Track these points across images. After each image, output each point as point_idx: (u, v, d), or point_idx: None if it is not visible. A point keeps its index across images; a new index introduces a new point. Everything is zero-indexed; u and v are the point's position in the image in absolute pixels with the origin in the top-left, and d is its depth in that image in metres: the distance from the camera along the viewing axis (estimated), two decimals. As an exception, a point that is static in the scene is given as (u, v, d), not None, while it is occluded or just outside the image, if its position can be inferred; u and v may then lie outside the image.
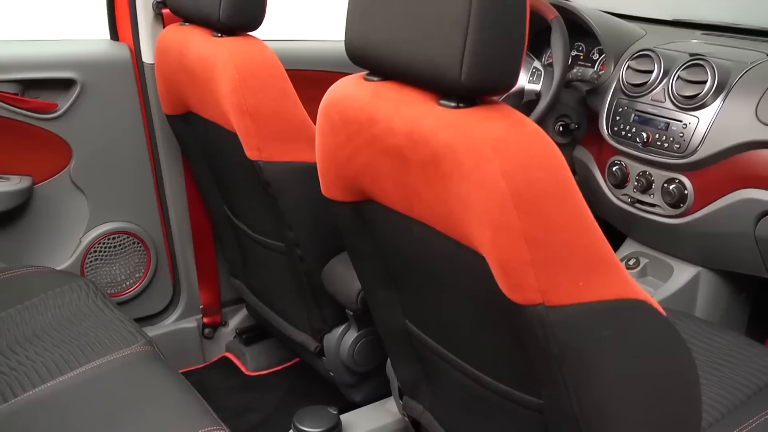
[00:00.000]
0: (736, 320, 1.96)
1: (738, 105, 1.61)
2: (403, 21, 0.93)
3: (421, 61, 0.91)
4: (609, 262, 0.90)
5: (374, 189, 1.09)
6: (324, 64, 2.02)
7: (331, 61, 2.03)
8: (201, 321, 2.06)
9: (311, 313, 1.60)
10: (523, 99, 1.85)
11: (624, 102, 1.82)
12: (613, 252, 0.91)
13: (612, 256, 0.90)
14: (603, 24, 1.93)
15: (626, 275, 0.92)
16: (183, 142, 1.79)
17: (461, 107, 0.90)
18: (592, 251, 0.88)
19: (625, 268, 1.92)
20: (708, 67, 1.66)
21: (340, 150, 1.09)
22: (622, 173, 1.83)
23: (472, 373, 1.16)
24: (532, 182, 0.84)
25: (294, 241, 1.49)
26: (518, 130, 0.87)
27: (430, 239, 1.04)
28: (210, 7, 1.41)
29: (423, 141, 0.91)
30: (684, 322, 1.53)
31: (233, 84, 1.37)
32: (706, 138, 1.64)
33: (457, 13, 0.85)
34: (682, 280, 1.85)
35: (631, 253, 1.96)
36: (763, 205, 1.57)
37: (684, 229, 1.75)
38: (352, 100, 1.04)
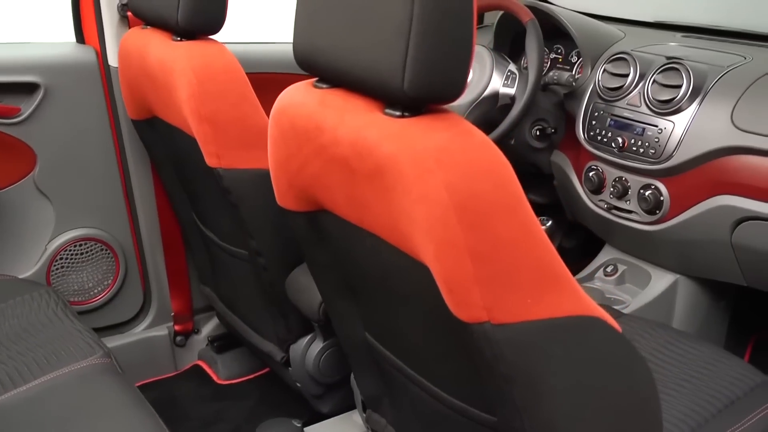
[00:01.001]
0: (716, 328, 1.92)
1: (714, 110, 1.57)
2: (347, 27, 0.90)
3: (365, 68, 0.88)
4: (560, 278, 0.86)
5: (326, 199, 1.05)
6: (289, 66, 1.97)
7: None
8: (172, 329, 2.02)
9: (276, 323, 1.57)
10: (498, 103, 1.81)
11: (600, 106, 1.78)
12: (565, 267, 0.87)
13: (564, 271, 0.87)
14: (580, 26, 1.90)
15: (579, 291, 0.88)
16: (149, 147, 1.76)
17: (406, 116, 0.86)
18: (541, 267, 0.84)
19: (604, 275, 1.90)
20: (683, 71, 1.62)
21: (291, 159, 1.05)
22: (599, 179, 1.79)
23: (429, 388, 1.12)
24: (477, 195, 0.81)
25: (256, 249, 1.45)
26: (464, 140, 0.83)
27: (381, 251, 1.00)
28: (168, 10, 1.38)
29: (367, 152, 0.88)
30: (657, 332, 1.49)
31: (191, 89, 1.34)
32: (682, 143, 1.60)
33: (398, 19, 0.81)
34: (660, 288, 1.81)
35: (610, 259, 1.93)
36: (739, 212, 1.54)
37: (660, 236, 1.72)
38: (300, 109, 1.00)
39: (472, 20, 0.83)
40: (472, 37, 0.84)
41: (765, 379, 1.35)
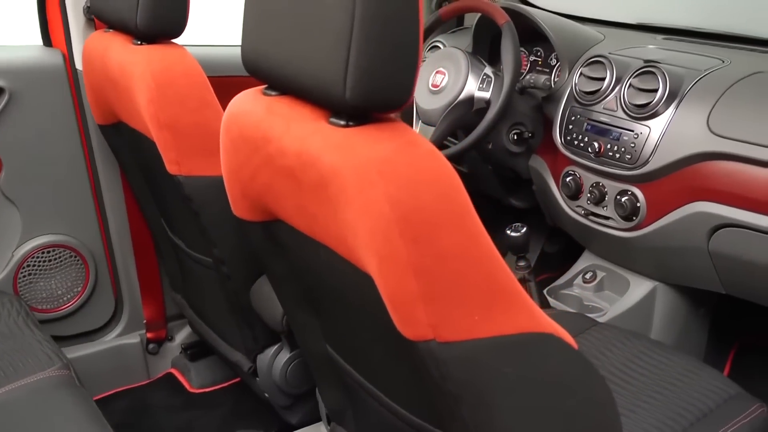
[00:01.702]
0: (696, 335, 1.89)
1: (690, 114, 1.54)
2: (291, 32, 0.86)
3: (309, 76, 0.84)
4: (510, 293, 0.83)
5: (279, 209, 1.02)
6: None
7: None
8: (144, 336, 1.98)
9: (243, 332, 1.53)
10: (473, 107, 1.77)
11: (577, 110, 1.75)
12: (517, 282, 0.84)
13: (514, 286, 0.83)
14: (558, 28, 1.86)
15: (532, 307, 0.85)
16: (116, 152, 1.72)
17: (351, 126, 0.83)
18: (490, 282, 0.81)
19: (582, 281, 1.87)
20: (659, 75, 1.59)
21: (243, 168, 1.02)
22: (576, 184, 1.76)
23: (387, 403, 1.09)
24: (420, 208, 0.77)
25: (219, 258, 1.42)
26: (408, 151, 0.80)
27: (333, 263, 0.97)
28: (128, 14, 1.34)
29: (311, 163, 0.85)
30: (631, 341, 1.46)
31: (150, 95, 1.30)
32: (658, 149, 1.57)
33: (339, 25, 0.78)
34: (639, 295, 1.78)
35: (589, 266, 1.90)
36: (715, 219, 1.50)
37: (637, 243, 1.69)
38: (249, 117, 0.97)
39: (417, 25, 0.80)
40: (419, 42, 0.81)
41: (739, 391, 1.32)
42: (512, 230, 1.68)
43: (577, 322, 1.54)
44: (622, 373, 1.38)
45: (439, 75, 1.81)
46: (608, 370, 1.39)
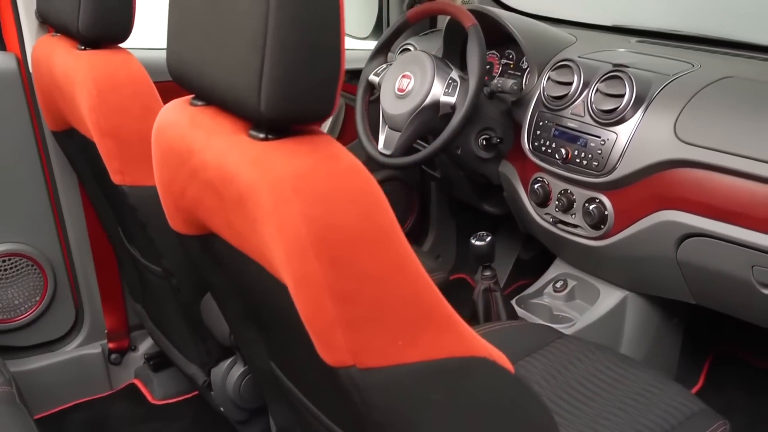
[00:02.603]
0: (669, 346, 1.85)
1: (657, 120, 1.50)
2: (208, 39, 0.82)
3: (226, 87, 0.80)
4: (438, 316, 0.78)
5: (210, 223, 0.97)
6: None
7: None
8: (106, 346, 1.94)
9: (197, 345, 1.49)
10: (439, 112, 1.73)
11: (545, 115, 1.70)
12: (447, 304, 0.79)
13: (444, 308, 0.79)
14: (528, 31, 1.82)
15: (463, 330, 0.80)
16: (71, 159, 1.67)
17: (270, 139, 0.78)
18: (415, 305, 0.77)
19: (553, 290, 1.82)
20: (626, 80, 1.54)
21: (173, 181, 0.97)
22: (544, 191, 1.72)
23: (329, 425, 1.05)
24: (338, 227, 0.73)
25: (168, 270, 1.37)
26: (327, 166, 0.75)
27: (264, 279, 0.92)
28: (70, 18, 1.30)
29: (229, 178, 0.80)
30: (596, 354, 1.41)
31: (91, 102, 1.26)
32: (625, 156, 1.53)
33: (253, 31, 0.74)
34: (609, 305, 1.74)
35: (560, 274, 1.85)
36: (683, 228, 1.46)
37: (606, 252, 1.64)
38: (175, 128, 0.92)
39: (338, 31, 0.75)
40: (340, 49, 0.76)
41: (703, 408, 1.28)
42: (477, 239, 1.64)
43: (541, 334, 1.49)
44: (584, 388, 1.34)
45: (405, 79, 1.77)
46: (570, 385, 1.34)
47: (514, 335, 1.50)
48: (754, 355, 1.94)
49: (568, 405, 1.30)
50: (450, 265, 2.51)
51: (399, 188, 2.37)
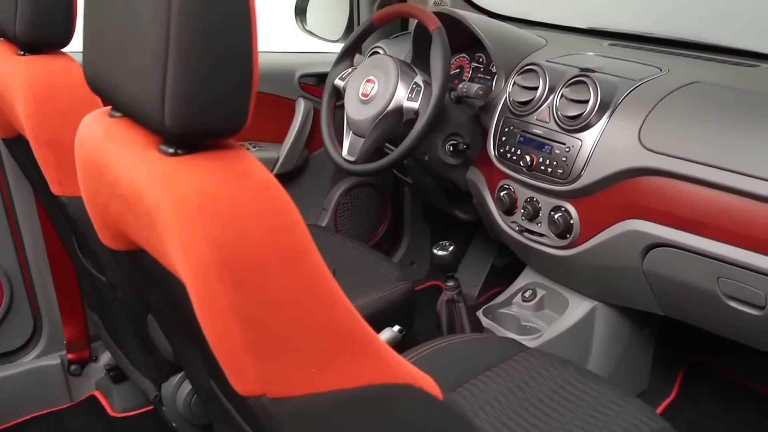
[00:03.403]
0: (640, 357, 1.81)
1: (622, 127, 1.45)
2: (115, 49, 0.77)
3: (132, 99, 0.75)
4: (356, 341, 0.73)
5: (135, 238, 0.93)
6: None
7: None
8: (66, 357, 1.89)
9: (147, 360, 1.44)
10: (403, 118, 1.68)
11: (511, 121, 1.66)
12: (367, 328, 0.75)
13: (362, 333, 0.74)
14: (495, 34, 1.77)
15: (384, 355, 0.76)
16: (22, 166, 1.63)
17: (179, 154, 0.74)
18: (330, 330, 0.72)
19: (522, 300, 1.78)
20: (591, 85, 1.50)
21: (97, 196, 0.93)
22: (510, 199, 1.67)
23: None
24: (245, 249, 0.68)
25: (113, 282, 1.33)
26: (236, 183, 0.71)
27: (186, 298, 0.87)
28: (7, 22, 1.25)
29: (138, 195, 0.75)
30: (558, 369, 1.37)
31: (28, 110, 1.21)
32: (589, 163, 1.48)
33: (155, 41, 0.69)
34: (578, 315, 1.69)
35: (529, 283, 1.81)
36: (648, 237, 1.42)
37: (573, 262, 1.60)
38: (92, 141, 0.88)
39: (249, 38, 0.70)
40: (251, 59, 0.71)
41: (663, 425, 1.23)
42: (439, 248, 1.59)
43: (504, 347, 1.45)
44: (544, 405, 1.29)
45: (369, 84, 1.72)
46: (530, 401, 1.30)
47: (476, 348, 1.45)
48: (728, 366, 1.90)
49: (526, 423, 1.25)
50: (425, 271, 2.47)
51: (372, 194, 2.33)
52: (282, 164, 2.09)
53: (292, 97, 2.11)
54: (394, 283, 1.68)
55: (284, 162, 2.09)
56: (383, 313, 1.62)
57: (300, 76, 2.10)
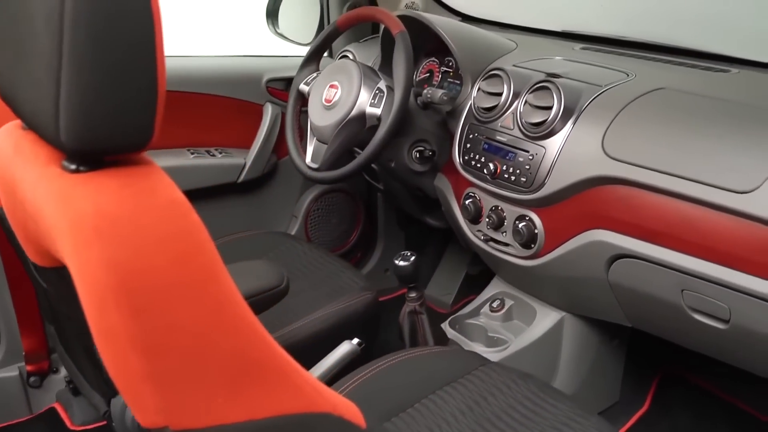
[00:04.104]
0: (611, 367, 1.77)
1: (585, 134, 1.41)
2: (16, 58, 0.73)
3: (31, 112, 0.71)
4: (269, 368, 0.69)
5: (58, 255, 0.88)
6: None
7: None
8: (24, 369, 1.84)
9: (96, 374, 1.39)
10: (366, 124, 1.64)
11: (476, 128, 1.62)
12: (282, 353, 0.71)
13: (276, 359, 0.70)
14: (462, 37, 1.73)
15: (301, 383, 0.71)
16: None
17: (81, 171, 0.69)
18: (239, 357, 0.68)
19: (490, 310, 1.73)
20: (555, 91, 1.46)
21: (15, 211, 0.88)
22: (476, 207, 1.63)
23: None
24: (145, 273, 0.64)
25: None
26: (138, 202, 0.66)
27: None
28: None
29: (40, 214, 0.71)
30: (518, 384, 1.32)
31: None
32: (553, 171, 1.44)
33: (48, 51, 0.64)
34: (545, 326, 1.65)
35: (497, 293, 1.77)
36: (612, 248, 1.38)
37: (538, 272, 1.56)
38: (3, 155, 0.83)
39: (152, 47, 0.66)
40: (155, 69, 0.67)
41: (623, 444, 1.19)
42: (400, 258, 1.55)
43: (464, 361, 1.40)
44: (501, 422, 1.25)
45: (332, 89, 1.68)
46: (488, 418, 1.26)
47: (436, 362, 1.41)
48: (703, 377, 1.86)
49: (483, 441, 1.21)
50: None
51: (344, 200, 2.28)
52: (249, 170, 2.04)
53: (260, 102, 2.06)
54: (358, 293, 1.64)
55: (251, 168, 2.05)
56: (344, 324, 1.58)
57: (267, 80, 2.06)
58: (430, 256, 2.39)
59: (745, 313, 1.21)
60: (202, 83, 1.98)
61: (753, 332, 1.22)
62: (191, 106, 1.98)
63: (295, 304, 1.61)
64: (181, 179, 1.94)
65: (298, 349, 1.55)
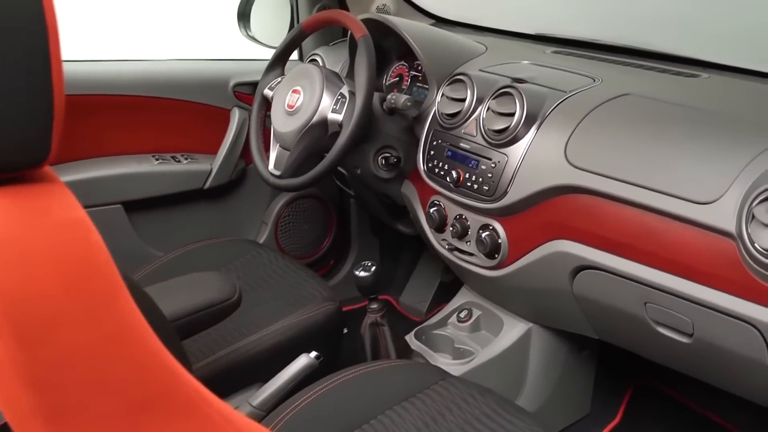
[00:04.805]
0: (580, 379, 1.73)
1: (548, 142, 1.37)
2: None
3: None
4: (173, 397, 0.65)
5: None
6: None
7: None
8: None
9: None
10: (328, 131, 1.60)
11: (440, 134, 1.58)
12: (190, 380, 0.66)
13: (183, 386, 0.66)
14: (428, 41, 1.69)
15: (209, 411, 0.67)
16: None
17: None
18: (141, 387, 0.63)
19: (457, 320, 1.70)
20: (517, 97, 1.42)
21: None
22: (440, 216, 1.59)
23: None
24: (34, 300, 0.60)
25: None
26: (30, 223, 0.62)
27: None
28: None
29: None
30: (477, 399, 1.28)
31: None
32: (515, 180, 1.40)
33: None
34: (513, 337, 1.61)
35: (465, 303, 1.73)
36: (576, 259, 1.34)
37: (503, 283, 1.52)
38: None
39: (46, 57, 0.61)
40: (50, 77, 0.62)
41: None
42: (361, 269, 1.51)
43: (424, 375, 1.36)
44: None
45: (295, 94, 1.64)
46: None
47: (395, 376, 1.37)
48: (675, 389, 1.82)
49: (437, 460, 1.17)
50: (374, 285, 2.38)
51: (315, 206, 2.24)
52: (215, 177, 2.00)
53: (227, 107, 2.02)
54: (320, 303, 1.60)
55: (218, 174, 2.00)
56: (304, 336, 1.53)
57: (235, 84, 2.02)
58: (404, 263, 2.35)
59: (708, 328, 1.18)
60: (168, 87, 1.94)
61: (716, 347, 1.18)
62: (156, 110, 1.94)
63: (255, 315, 1.57)
64: (146, 186, 1.92)
65: (256, 362, 1.51)
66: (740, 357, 1.15)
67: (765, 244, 1.03)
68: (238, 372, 1.47)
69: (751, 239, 1.05)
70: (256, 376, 1.41)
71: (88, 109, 1.84)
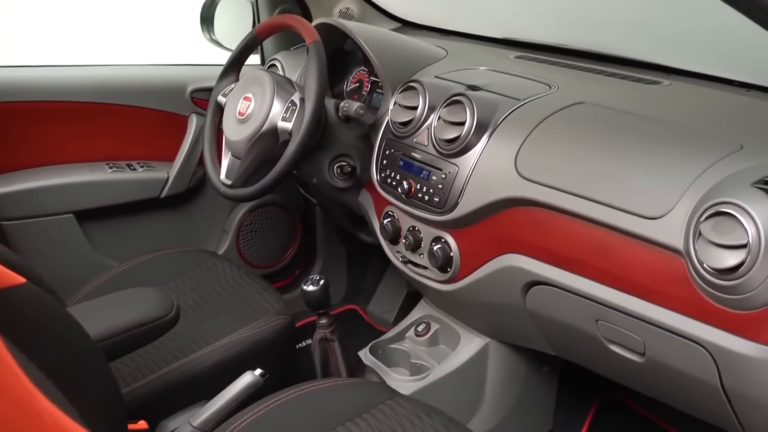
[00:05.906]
0: (541, 395, 1.68)
1: (499, 152, 1.32)
2: None
3: None
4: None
5: None
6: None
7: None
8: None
9: None
10: (279, 139, 1.55)
11: (393, 143, 1.53)
12: (49, 410, 0.61)
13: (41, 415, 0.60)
14: (384, 46, 1.64)
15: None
16: None
17: None
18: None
19: (415, 334, 1.65)
20: (468, 105, 1.37)
21: None
22: (394, 227, 1.54)
23: None
24: None
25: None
26: None
27: None
28: None
29: None
30: (424, 420, 1.23)
31: None
32: (466, 191, 1.35)
33: None
34: (469, 352, 1.56)
35: (423, 316, 1.67)
36: (527, 274, 1.29)
37: (457, 297, 1.47)
38: None
39: None
40: None
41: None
42: (309, 283, 1.45)
43: (371, 393, 1.31)
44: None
45: (246, 102, 1.59)
46: (386, 458, 1.16)
47: (340, 395, 1.31)
48: (642, 404, 1.77)
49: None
50: (341, 295, 2.33)
51: (279, 214, 2.19)
52: (173, 185, 1.95)
53: (185, 113, 1.97)
54: (271, 318, 1.54)
55: (175, 182, 1.95)
56: (252, 352, 1.48)
57: (192, 90, 1.97)
58: (372, 272, 2.30)
59: (659, 348, 1.13)
60: (123, 93, 1.89)
61: (668, 367, 1.13)
62: (111, 117, 1.88)
63: (205, 330, 1.52)
64: (99, 195, 1.87)
65: (201, 379, 1.46)
66: (692, 379, 1.10)
67: (711, 263, 0.98)
68: (181, 390, 1.42)
69: (698, 257, 1.00)
70: (200, 395, 1.36)
71: (38, 116, 1.78)
